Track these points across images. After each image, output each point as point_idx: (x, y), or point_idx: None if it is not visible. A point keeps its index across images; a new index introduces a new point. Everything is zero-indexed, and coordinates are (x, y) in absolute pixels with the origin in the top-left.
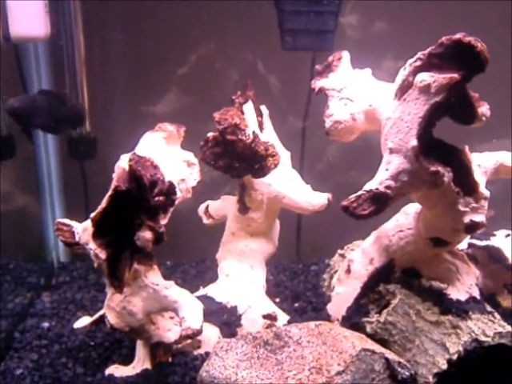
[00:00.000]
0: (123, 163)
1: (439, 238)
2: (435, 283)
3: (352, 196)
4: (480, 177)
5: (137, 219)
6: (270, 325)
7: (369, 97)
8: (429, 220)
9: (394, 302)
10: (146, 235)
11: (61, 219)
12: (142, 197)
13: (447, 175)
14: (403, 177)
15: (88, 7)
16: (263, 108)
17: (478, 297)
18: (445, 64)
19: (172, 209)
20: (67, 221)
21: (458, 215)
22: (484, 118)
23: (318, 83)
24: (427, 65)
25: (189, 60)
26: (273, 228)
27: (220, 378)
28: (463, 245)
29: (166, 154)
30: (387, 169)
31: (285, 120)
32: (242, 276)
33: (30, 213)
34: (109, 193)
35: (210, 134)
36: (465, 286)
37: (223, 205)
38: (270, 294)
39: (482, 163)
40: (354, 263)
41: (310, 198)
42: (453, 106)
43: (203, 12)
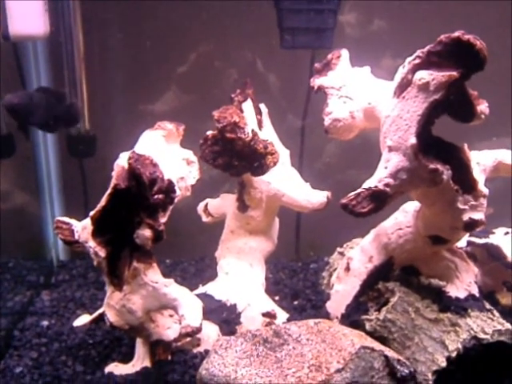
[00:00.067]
0: (122, 161)
1: (438, 236)
2: (434, 281)
3: (351, 194)
4: (479, 175)
5: (136, 217)
6: (270, 323)
7: (368, 95)
8: (428, 218)
9: (393, 300)
10: (146, 233)
11: (60, 217)
12: (142, 195)
13: (446, 173)
14: (402, 175)
15: (87, 6)
16: (262, 106)
17: (477, 294)
18: (444, 62)
19: (171, 207)
20: (67, 219)
21: (457, 213)
22: (483, 116)
23: (317, 81)
24: (426, 63)
25: (188, 58)
26: (272, 226)
27: (219, 376)
28: (462, 243)
29: (166, 153)
30: (386, 167)
31: (284, 118)
32: (242, 274)
33: (30, 211)
34: (108, 191)
35: (210, 133)
36: (464, 284)
37: (222, 203)
38: (270, 292)
39: (481, 161)
40: (353, 261)
41: (310, 196)
42: (452, 104)
43: (203, 11)
